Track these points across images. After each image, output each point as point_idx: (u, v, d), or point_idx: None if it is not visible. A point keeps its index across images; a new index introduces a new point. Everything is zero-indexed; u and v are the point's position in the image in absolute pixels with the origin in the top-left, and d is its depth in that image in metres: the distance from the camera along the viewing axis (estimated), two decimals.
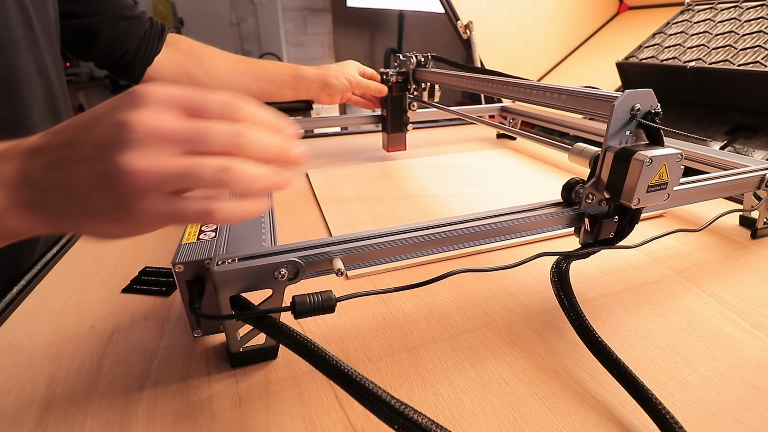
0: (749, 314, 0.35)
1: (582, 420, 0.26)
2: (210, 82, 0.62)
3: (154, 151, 0.20)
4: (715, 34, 0.80)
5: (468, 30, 0.82)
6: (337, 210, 0.55)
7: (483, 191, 0.61)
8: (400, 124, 0.77)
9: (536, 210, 0.35)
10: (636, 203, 0.32)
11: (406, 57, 0.71)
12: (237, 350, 0.30)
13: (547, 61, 1.24)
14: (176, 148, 0.20)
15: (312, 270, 0.29)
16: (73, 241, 0.50)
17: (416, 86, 0.73)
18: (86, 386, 0.29)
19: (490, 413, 0.27)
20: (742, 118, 0.72)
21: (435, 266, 0.43)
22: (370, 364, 0.31)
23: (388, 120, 0.76)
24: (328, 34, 3.09)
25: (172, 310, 0.37)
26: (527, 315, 0.36)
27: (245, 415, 0.27)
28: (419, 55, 0.71)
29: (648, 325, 0.34)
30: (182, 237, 0.31)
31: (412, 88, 0.73)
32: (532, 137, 0.51)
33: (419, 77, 0.71)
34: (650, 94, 0.31)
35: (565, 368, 0.30)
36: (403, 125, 0.77)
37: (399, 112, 0.76)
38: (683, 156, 0.31)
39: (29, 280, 0.42)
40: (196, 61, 0.62)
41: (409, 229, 0.31)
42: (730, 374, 0.29)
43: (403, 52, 0.76)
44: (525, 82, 0.45)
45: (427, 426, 0.20)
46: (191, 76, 0.62)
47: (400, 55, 0.74)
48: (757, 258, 0.44)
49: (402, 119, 0.77)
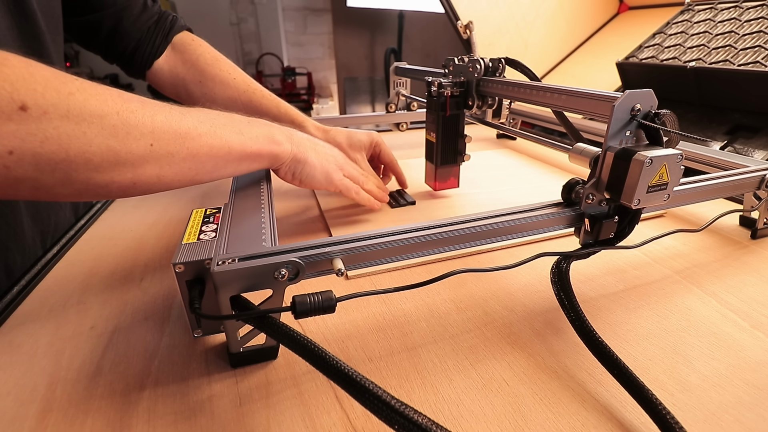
0: (749, 314, 0.35)
1: (582, 420, 0.26)
2: (206, 105, 0.53)
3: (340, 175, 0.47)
4: (715, 34, 0.80)
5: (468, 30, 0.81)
6: (337, 210, 0.56)
7: (483, 191, 0.61)
8: (453, 154, 0.56)
9: (536, 210, 0.35)
10: (636, 203, 0.32)
11: (470, 61, 0.51)
12: (237, 350, 0.30)
13: (547, 61, 1.24)
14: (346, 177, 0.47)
15: (312, 270, 0.29)
16: (73, 241, 0.50)
17: (480, 101, 0.53)
18: (86, 386, 0.29)
19: (490, 413, 0.27)
20: (742, 118, 0.73)
21: (435, 266, 0.43)
22: (370, 364, 0.31)
23: (437, 148, 0.55)
24: (328, 34, 3.10)
25: (172, 310, 0.37)
26: (527, 315, 0.36)
27: (245, 415, 0.27)
28: (486, 59, 0.51)
29: (648, 325, 0.34)
30: (182, 237, 0.31)
31: (475, 104, 0.53)
32: (532, 137, 0.51)
33: (485, 89, 0.51)
34: (650, 94, 0.31)
35: (565, 368, 0.30)
36: (457, 154, 0.57)
37: (452, 138, 0.55)
38: (683, 156, 0.31)
39: (29, 280, 0.42)
40: (197, 78, 0.57)
41: (409, 229, 0.31)
42: (730, 374, 0.29)
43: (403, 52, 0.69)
44: (525, 82, 0.45)
45: (427, 426, 0.20)
46: (189, 92, 0.58)
47: (454, 58, 0.55)
48: (757, 258, 0.44)
49: (456, 147, 0.56)
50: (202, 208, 0.36)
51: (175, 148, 0.31)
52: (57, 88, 0.26)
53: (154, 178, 0.31)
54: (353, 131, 0.59)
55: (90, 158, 0.27)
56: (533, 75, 0.48)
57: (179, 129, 0.32)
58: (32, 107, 0.24)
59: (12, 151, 0.24)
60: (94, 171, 0.28)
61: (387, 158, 0.59)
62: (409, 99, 0.92)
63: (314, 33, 3.11)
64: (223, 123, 0.36)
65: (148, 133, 0.30)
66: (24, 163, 0.25)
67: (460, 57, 0.55)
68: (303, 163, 0.43)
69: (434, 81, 0.52)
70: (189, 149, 0.32)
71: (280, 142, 0.40)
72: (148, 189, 0.32)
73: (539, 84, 0.43)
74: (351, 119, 0.86)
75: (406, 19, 2.77)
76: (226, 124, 0.36)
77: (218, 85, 0.57)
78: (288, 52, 3.12)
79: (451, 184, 0.60)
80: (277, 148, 0.40)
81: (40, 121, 0.25)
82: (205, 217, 0.35)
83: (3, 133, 0.24)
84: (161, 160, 0.31)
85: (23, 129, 0.24)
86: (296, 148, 0.42)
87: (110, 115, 0.28)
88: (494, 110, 0.55)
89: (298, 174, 0.43)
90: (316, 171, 0.44)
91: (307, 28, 3.10)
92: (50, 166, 0.26)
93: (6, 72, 0.24)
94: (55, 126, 0.25)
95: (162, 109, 0.31)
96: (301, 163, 0.43)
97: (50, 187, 0.27)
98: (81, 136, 0.26)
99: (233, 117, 0.38)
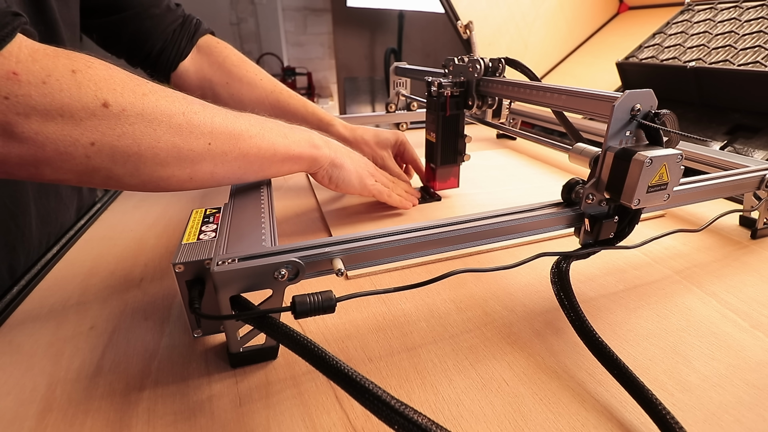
0: (749, 314, 0.35)
1: (582, 420, 0.26)
2: (232, 106, 0.49)
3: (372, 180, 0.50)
4: (715, 34, 0.80)
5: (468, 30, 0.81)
6: (337, 210, 0.56)
7: (483, 191, 0.61)
8: (452, 154, 0.56)
9: (536, 210, 0.35)
10: (636, 203, 0.32)
11: (470, 61, 0.52)
12: (237, 350, 0.30)
13: (547, 61, 1.24)
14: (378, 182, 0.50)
15: (312, 270, 0.29)
16: (73, 241, 0.50)
17: (480, 101, 0.53)
18: (86, 386, 0.29)
19: (490, 413, 0.27)
20: (742, 118, 0.73)
21: (435, 266, 0.43)
22: (370, 364, 0.31)
23: (437, 148, 0.55)
24: (328, 34, 3.09)
25: (172, 310, 0.37)
26: (527, 315, 0.36)
27: (245, 415, 0.27)
28: (486, 59, 0.51)
29: (648, 325, 0.34)
30: (182, 237, 0.31)
31: (475, 104, 0.53)
32: (532, 137, 0.51)
33: (485, 89, 0.51)
34: (650, 94, 0.31)
35: (565, 368, 0.30)
36: (457, 155, 0.57)
37: (452, 138, 0.55)
38: (683, 156, 0.31)
39: (29, 280, 0.42)
40: (224, 80, 0.57)
41: (409, 229, 0.31)
42: (730, 374, 0.29)
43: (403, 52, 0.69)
44: (525, 82, 0.45)
45: (427, 426, 0.20)
46: (215, 93, 0.58)
47: (454, 58, 0.55)
48: (757, 258, 0.44)
49: (456, 147, 0.56)
50: (202, 208, 0.36)
51: (229, 148, 0.34)
52: (133, 89, 0.29)
53: (208, 174, 0.34)
54: (380, 130, 0.61)
55: (157, 153, 0.30)
56: (533, 75, 0.48)
57: (233, 130, 0.35)
58: (113, 105, 0.27)
59: (94, 142, 0.27)
60: (159, 165, 0.31)
61: (410, 157, 0.61)
62: (409, 99, 0.92)
63: (314, 33, 3.11)
64: (270, 127, 0.38)
65: (208, 133, 0.33)
66: (102, 154, 0.28)
67: (460, 57, 0.55)
68: (340, 167, 0.45)
69: (434, 81, 0.52)
70: (240, 149, 0.35)
71: (320, 147, 0.43)
72: (202, 184, 0.35)
73: (539, 84, 0.43)
74: (351, 119, 0.86)
75: (406, 19, 2.77)
76: (273, 128, 0.39)
77: (245, 86, 0.58)
78: (288, 52, 3.12)
79: (451, 184, 0.60)
80: (316, 152, 0.42)
81: (118, 117, 0.28)
82: (205, 217, 0.35)
83: (87, 126, 0.26)
84: (216, 158, 0.34)
85: (104, 124, 0.27)
86: (334, 154, 0.44)
87: (177, 115, 0.31)
88: (494, 110, 0.55)
89: (335, 178, 0.45)
90: (352, 176, 0.47)
91: (307, 28, 3.10)
92: (123, 158, 0.29)
93: (91, 73, 0.27)
94: (131, 122, 0.28)
95: (219, 111, 0.35)
96: (338, 168, 0.45)
97: (120, 177, 0.30)
98: (151, 133, 0.29)
99: (278, 122, 0.40)
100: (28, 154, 0.26)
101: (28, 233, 0.44)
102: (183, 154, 0.31)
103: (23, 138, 0.25)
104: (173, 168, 0.31)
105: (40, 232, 0.47)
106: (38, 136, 0.25)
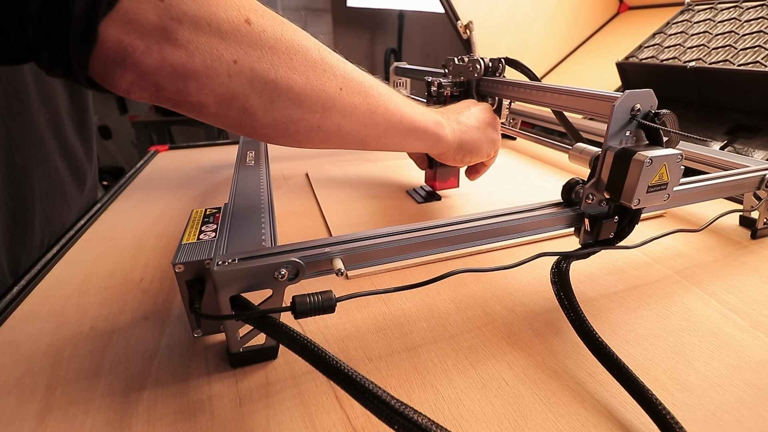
0: (749, 314, 0.35)
1: (582, 420, 0.26)
2: None
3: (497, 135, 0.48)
4: (715, 34, 0.80)
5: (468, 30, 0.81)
6: (337, 210, 0.55)
7: (483, 191, 0.61)
8: None
9: (536, 210, 0.35)
10: (636, 203, 0.32)
11: (470, 61, 0.51)
12: (237, 350, 0.30)
13: (547, 61, 1.24)
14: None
15: (312, 270, 0.29)
16: (73, 241, 0.50)
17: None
18: (86, 386, 0.29)
19: (490, 413, 0.27)
20: (742, 118, 0.72)
21: (435, 266, 0.43)
22: (370, 364, 0.31)
23: None
24: (328, 34, 3.09)
25: (172, 310, 0.37)
26: (527, 315, 0.36)
27: (245, 415, 0.27)
28: (486, 59, 0.51)
29: (648, 325, 0.34)
30: (182, 237, 0.31)
31: None
32: (532, 137, 0.51)
33: (486, 89, 0.51)
34: (650, 94, 0.31)
35: (565, 368, 0.30)
36: None
37: None
38: (683, 156, 0.31)
39: (29, 280, 0.42)
40: None
41: (409, 229, 0.31)
42: (730, 374, 0.29)
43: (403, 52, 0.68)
44: (525, 82, 0.45)
45: (427, 426, 0.20)
46: None
47: (454, 58, 0.54)
48: (757, 258, 0.44)
49: None
50: (202, 208, 0.36)
51: (359, 100, 0.33)
52: (272, 14, 0.29)
53: (335, 126, 0.33)
54: None
55: (292, 86, 0.29)
56: (533, 75, 0.48)
57: (363, 83, 0.34)
58: (254, 24, 0.27)
59: (236, 60, 0.27)
60: (291, 102, 0.30)
61: None
62: None
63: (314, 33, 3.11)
64: (396, 93, 0.37)
65: (340, 76, 0.32)
66: (242, 76, 0.27)
67: (460, 57, 0.54)
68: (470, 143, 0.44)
69: (434, 81, 0.52)
70: (369, 105, 0.34)
71: (443, 125, 0.41)
72: (327, 137, 0.33)
73: (539, 84, 0.43)
74: None
75: (406, 19, 2.77)
76: (399, 95, 0.38)
77: None
78: None
79: (451, 184, 0.60)
80: (441, 131, 0.40)
81: (259, 37, 0.27)
82: (204, 217, 0.35)
83: (231, 41, 0.26)
84: (345, 108, 0.33)
85: (247, 41, 0.27)
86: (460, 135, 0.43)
87: (312, 49, 0.30)
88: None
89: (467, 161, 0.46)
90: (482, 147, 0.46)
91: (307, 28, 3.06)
92: (260, 84, 0.28)
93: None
94: (270, 45, 0.28)
95: (347, 62, 0.34)
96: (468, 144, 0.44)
97: (254, 110, 0.29)
98: (288, 62, 0.29)
99: (401, 92, 0.39)
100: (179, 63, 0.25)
101: (30, 233, 0.44)
102: (315, 93, 0.30)
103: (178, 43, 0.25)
104: (304, 109, 0.30)
105: (42, 232, 0.47)
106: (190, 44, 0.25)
